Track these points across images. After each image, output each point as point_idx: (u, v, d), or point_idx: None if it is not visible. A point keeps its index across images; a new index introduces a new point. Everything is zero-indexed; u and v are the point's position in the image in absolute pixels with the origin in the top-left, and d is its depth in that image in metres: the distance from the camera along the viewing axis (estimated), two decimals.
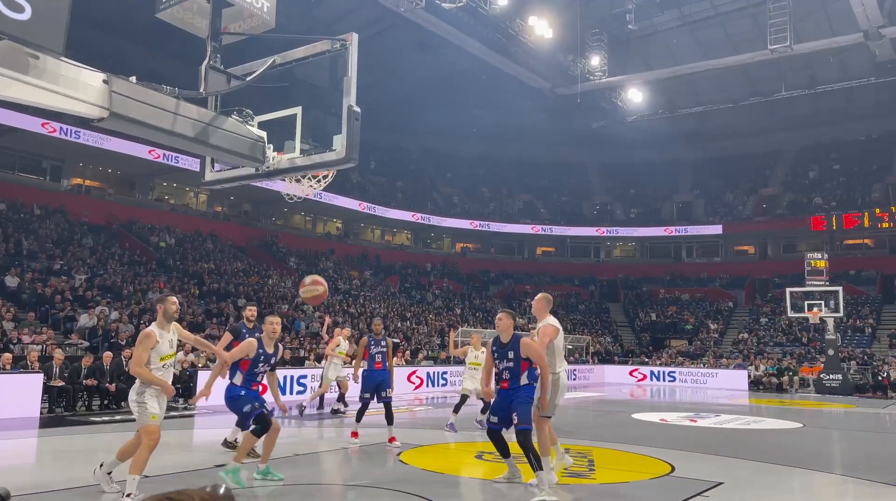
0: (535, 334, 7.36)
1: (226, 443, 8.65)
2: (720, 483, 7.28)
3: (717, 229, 40.83)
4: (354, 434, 9.55)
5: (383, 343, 9.63)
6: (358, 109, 5.99)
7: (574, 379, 27.40)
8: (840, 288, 25.78)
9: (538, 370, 6.41)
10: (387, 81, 34.49)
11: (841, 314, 25.99)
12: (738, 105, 36.65)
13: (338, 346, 13.30)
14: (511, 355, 6.46)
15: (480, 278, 41.21)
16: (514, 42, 30.64)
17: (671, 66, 32.83)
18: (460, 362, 24.31)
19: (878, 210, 35.57)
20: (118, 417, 12.00)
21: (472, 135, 44.07)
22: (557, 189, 46.48)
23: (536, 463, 6.15)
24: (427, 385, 20.38)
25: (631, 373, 29.34)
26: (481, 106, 40.10)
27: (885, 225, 35.30)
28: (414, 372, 20.27)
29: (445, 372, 21.27)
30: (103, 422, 11.57)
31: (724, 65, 31.89)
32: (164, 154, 26.26)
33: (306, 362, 19.39)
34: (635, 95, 34.58)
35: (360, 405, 9.44)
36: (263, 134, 6.21)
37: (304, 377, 17.11)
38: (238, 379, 6.63)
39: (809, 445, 11.35)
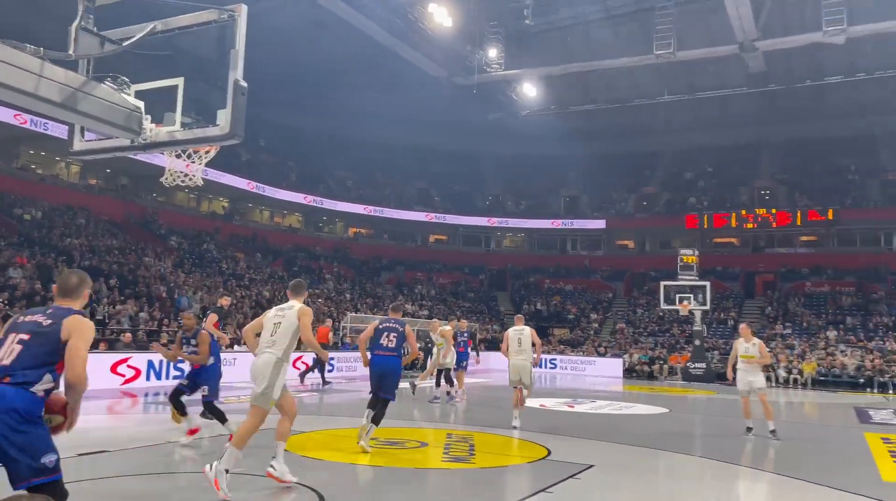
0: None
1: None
2: (592, 466, 7.63)
3: (600, 224, 42.72)
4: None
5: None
6: (245, 84, 5.74)
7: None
8: (708, 283, 27.70)
9: None
10: (281, 58, 33.37)
11: (707, 307, 27.95)
12: (624, 106, 38.31)
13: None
14: None
15: (372, 264, 41.01)
16: (413, 28, 30.51)
17: (565, 63, 33.83)
18: (349, 347, 24.14)
19: (744, 212, 38.42)
20: None
21: (369, 119, 43.57)
22: (452, 178, 46.95)
23: None
24: (313, 371, 20.05)
25: None
26: (379, 90, 39.70)
27: (750, 226, 38.21)
28: (300, 358, 19.88)
29: (332, 358, 21.01)
30: None
31: (613, 66, 33.21)
32: (32, 120, 24.27)
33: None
34: (530, 90, 35.37)
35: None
36: (141, 104, 5.82)
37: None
38: None
39: (674, 429, 12.11)
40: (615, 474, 7.55)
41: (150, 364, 15.63)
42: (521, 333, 11.12)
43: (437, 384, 14.73)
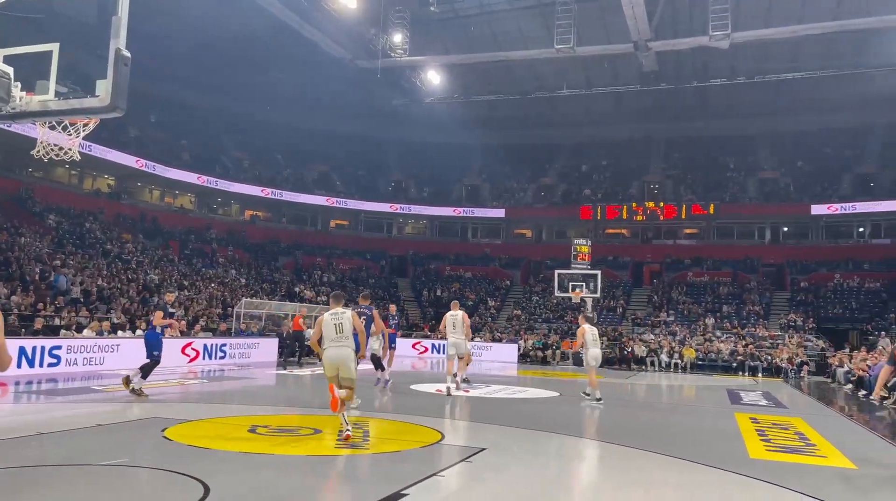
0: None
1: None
2: (484, 449, 7.79)
3: (500, 213, 43.55)
4: None
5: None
6: (128, 54, 5.41)
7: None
8: (599, 272, 28.89)
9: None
10: (174, 30, 31.83)
11: (598, 295, 29.15)
12: (525, 98, 39.09)
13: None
14: None
15: (270, 249, 39.95)
16: (316, 7, 29.81)
17: (468, 52, 34.09)
18: (244, 333, 23.47)
19: (634, 204, 40.25)
20: None
21: (268, 98, 42.30)
22: (354, 163, 46.41)
23: None
24: (203, 358, 19.39)
25: (414, 346, 30.40)
26: (279, 70, 38.56)
27: (639, 218, 40.09)
28: (189, 344, 19.15)
29: (224, 345, 20.38)
30: None
31: (516, 58, 33.80)
32: None
33: (62, 331, 17.48)
34: (434, 77, 35.41)
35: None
36: (9, 70, 5.37)
37: (59, 347, 15.40)
38: None
39: (564, 412, 12.57)
40: (506, 456, 7.74)
41: (22, 351, 14.56)
42: (455, 317, 13.83)
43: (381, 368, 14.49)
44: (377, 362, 13.95)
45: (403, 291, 40.32)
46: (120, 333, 18.97)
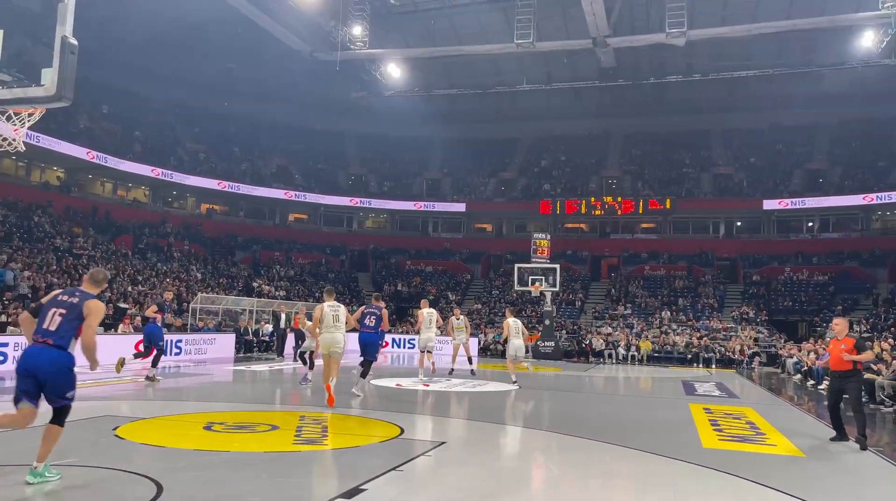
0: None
1: None
2: (443, 443, 7.80)
3: (461, 207, 43.63)
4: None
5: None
6: (74, 42, 5.23)
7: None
8: (558, 266, 29.20)
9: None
10: (127, 18, 31.08)
11: (557, 288, 29.46)
12: (485, 92, 39.18)
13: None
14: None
15: (227, 243, 39.31)
16: None
17: (429, 46, 33.99)
18: (198, 329, 23.06)
19: (593, 199, 40.74)
20: None
21: (225, 90, 41.64)
22: (313, 156, 45.95)
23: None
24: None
25: None
26: (236, 61, 37.96)
27: (598, 213, 40.60)
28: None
29: (180, 341, 19.98)
30: None
31: (477, 52, 33.82)
32: None
33: (9, 328, 16.94)
34: (394, 70, 35.19)
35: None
36: None
37: (6, 345, 14.92)
38: None
39: (523, 405, 12.67)
40: (465, 450, 7.77)
41: None
42: (432, 314, 15.66)
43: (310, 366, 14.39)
44: (310, 359, 14.37)
45: (364, 285, 40.13)
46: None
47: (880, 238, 37.26)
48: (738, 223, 41.35)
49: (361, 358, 12.44)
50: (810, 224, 39.87)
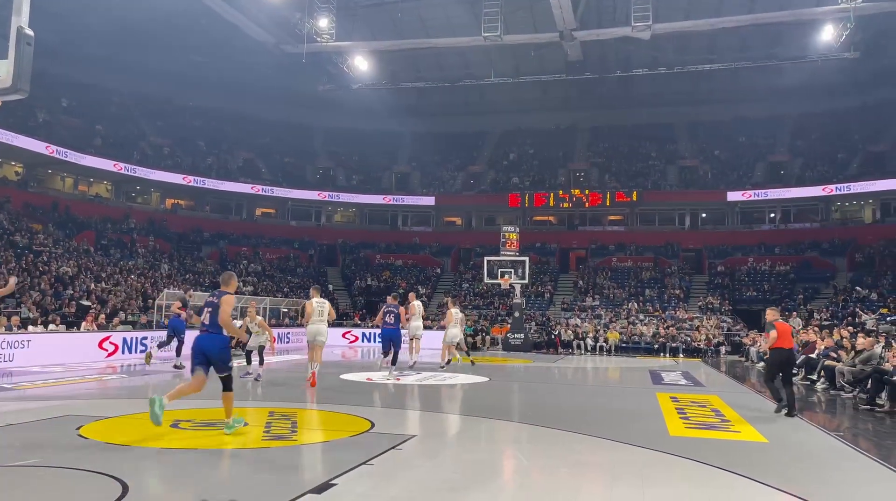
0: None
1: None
2: (414, 436, 7.80)
3: (430, 201, 43.58)
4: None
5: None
6: (31, 33, 5.09)
7: (287, 342, 27.35)
8: (527, 259, 29.38)
9: None
10: (88, 10, 30.35)
11: (526, 281, 29.63)
12: (454, 85, 39.15)
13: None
14: None
15: (193, 238, 38.72)
16: None
17: (396, 39, 33.83)
18: (164, 326, 22.66)
19: (561, 192, 41.03)
20: None
21: (189, 83, 40.92)
22: (280, 150, 45.46)
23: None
24: (123, 352, 18.66)
25: (344, 335, 30.17)
26: (200, 54, 37.32)
27: (566, 205, 40.91)
28: (108, 338, 18.38)
29: (145, 338, 19.65)
30: None
31: (444, 45, 33.77)
32: None
33: None
34: (361, 63, 34.98)
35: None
36: None
37: None
38: None
39: (493, 396, 12.74)
40: (436, 442, 7.78)
41: None
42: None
43: (250, 362, 14.16)
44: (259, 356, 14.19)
45: (333, 280, 39.89)
46: (31, 328, 18.03)
47: (839, 228, 38.20)
48: (704, 215, 42.02)
49: (390, 348, 14.32)
50: (773, 215, 40.70)
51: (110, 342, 18.28)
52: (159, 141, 40.46)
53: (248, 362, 13.77)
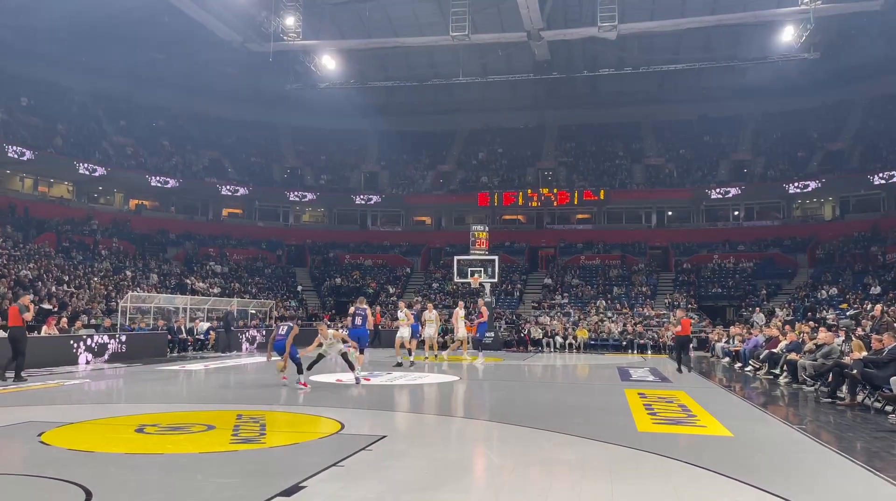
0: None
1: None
2: (384, 437, 7.77)
3: (399, 200, 43.49)
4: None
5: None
6: None
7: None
8: (497, 257, 29.51)
9: None
10: (46, 6, 29.63)
11: (496, 279, 29.74)
12: (422, 84, 39.11)
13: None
14: None
15: (158, 239, 38.09)
16: None
17: (364, 38, 33.66)
18: (129, 329, 22.25)
19: (529, 191, 41.29)
20: None
21: (153, 82, 40.24)
22: (247, 149, 44.96)
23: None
24: (86, 356, 18.25)
25: None
26: (165, 52, 36.76)
27: (534, 204, 41.18)
28: (70, 341, 17.96)
29: (108, 342, 19.25)
30: None
31: (412, 44, 33.71)
32: None
33: None
34: (329, 62, 34.70)
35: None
36: None
37: None
38: None
39: (464, 396, 12.75)
40: (406, 442, 7.76)
41: None
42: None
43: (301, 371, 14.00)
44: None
45: (302, 280, 39.59)
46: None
47: (800, 225, 39.09)
48: (670, 213, 42.63)
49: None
50: (736, 213, 41.46)
51: (73, 346, 17.87)
52: (122, 140, 39.71)
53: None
